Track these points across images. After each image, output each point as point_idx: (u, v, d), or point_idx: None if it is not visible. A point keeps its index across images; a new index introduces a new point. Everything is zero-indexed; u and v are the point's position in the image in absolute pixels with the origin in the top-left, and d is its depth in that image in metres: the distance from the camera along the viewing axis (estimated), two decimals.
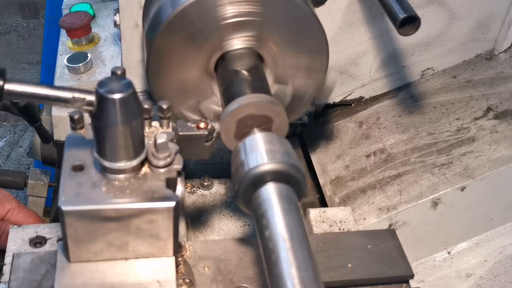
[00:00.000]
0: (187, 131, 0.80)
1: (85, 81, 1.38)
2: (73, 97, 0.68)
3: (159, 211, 0.73)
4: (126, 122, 0.68)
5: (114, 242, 0.75)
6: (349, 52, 1.41)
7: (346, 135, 1.45)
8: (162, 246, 0.77)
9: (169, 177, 0.74)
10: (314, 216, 1.07)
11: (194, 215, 1.30)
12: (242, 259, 0.91)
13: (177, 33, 0.87)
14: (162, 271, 0.77)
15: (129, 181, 0.73)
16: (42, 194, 1.87)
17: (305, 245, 0.66)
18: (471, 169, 1.26)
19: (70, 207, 0.70)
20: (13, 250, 0.92)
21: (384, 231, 1.00)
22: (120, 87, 0.67)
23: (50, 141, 1.56)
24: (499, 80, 1.44)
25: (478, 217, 1.32)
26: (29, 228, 0.97)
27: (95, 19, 1.60)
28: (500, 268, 1.32)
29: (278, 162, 0.72)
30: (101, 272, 0.76)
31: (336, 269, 0.92)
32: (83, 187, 0.72)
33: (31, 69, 4.47)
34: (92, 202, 0.71)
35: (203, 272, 0.89)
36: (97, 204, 0.71)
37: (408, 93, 1.49)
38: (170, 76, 0.92)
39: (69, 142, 0.77)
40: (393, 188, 1.29)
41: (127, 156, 0.72)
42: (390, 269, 0.93)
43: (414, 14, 0.88)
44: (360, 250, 0.96)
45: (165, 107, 0.78)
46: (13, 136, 3.92)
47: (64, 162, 0.75)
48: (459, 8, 1.40)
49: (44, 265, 0.85)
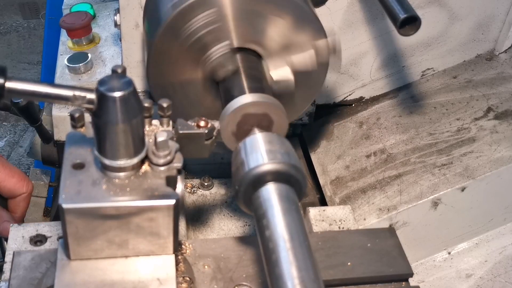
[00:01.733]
0: (187, 130, 0.80)
1: (85, 81, 1.38)
2: (74, 95, 0.68)
3: (159, 209, 0.73)
4: (126, 120, 0.68)
5: (114, 240, 0.75)
6: (349, 53, 1.41)
7: (346, 135, 1.45)
8: (162, 244, 0.77)
9: (169, 175, 0.74)
10: (313, 214, 1.07)
11: (194, 215, 1.30)
12: (242, 257, 0.91)
13: (177, 34, 0.87)
14: (162, 269, 0.77)
15: (129, 179, 0.74)
16: (42, 194, 1.87)
17: (306, 245, 0.66)
18: (471, 169, 1.26)
19: (70, 204, 0.70)
20: (14, 248, 0.92)
21: (383, 230, 1.00)
22: (121, 85, 0.67)
23: (51, 141, 1.56)
24: (499, 80, 1.44)
25: (478, 218, 1.32)
26: (30, 227, 0.97)
27: (96, 19, 1.60)
28: (501, 268, 1.32)
29: (279, 162, 0.72)
30: (101, 270, 0.76)
31: (335, 268, 0.92)
32: (84, 185, 0.72)
33: (32, 69, 4.48)
34: (93, 199, 0.71)
35: (203, 270, 0.89)
36: (98, 202, 0.71)
37: (409, 93, 1.49)
38: (170, 77, 0.92)
39: (70, 140, 0.77)
40: (393, 188, 1.29)
41: (128, 154, 0.72)
42: (390, 268, 0.93)
43: (415, 15, 0.88)
44: (360, 248, 0.96)
45: (165, 105, 0.78)
46: (13, 136, 3.92)
47: (65, 160, 0.75)
48: (460, 9, 1.40)
49: (44, 263, 0.85)
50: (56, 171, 1.89)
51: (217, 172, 1.40)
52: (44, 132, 1.55)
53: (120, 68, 0.71)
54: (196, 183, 1.39)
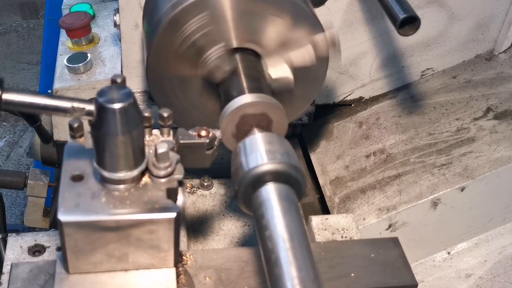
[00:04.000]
0: (188, 140, 0.79)
1: (84, 81, 1.38)
2: (72, 106, 0.67)
3: (159, 222, 0.71)
4: (126, 132, 0.67)
5: (114, 253, 0.73)
6: (349, 53, 1.41)
7: (346, 135, 1.45)
8: (163, 257, 0.76)
9: (169, 187, 0.73)
10: (316, 223, 1.06)
11: (193, 215, 1.30)
12: (244, 268, 0.90)
13: (177, 33, 0.87)
14: (163, 283, 0.76)
15: (129, 192, 0.72)
16: (42, 194, 1.87)
17: (305, 245, 0.66)
18: (470, 169, 1.26)
19: (69, 218, 0.69)
20: (12, 259, 0.90)
21: (387, 240, 0.99)
22: (120, 97, 0.66)
23: (50, 141, 1.56)
24: (498, 80, 1.44)
25: (478, 218, 1.32)
26: (28, 236, 0.95)
27: (95, 19, 1.60)
28: (500, 268, 1.32)
29: (278, 162, 0.72)
30: (100, 283, 0.74)
31: (339, 279, 0.90)
32: (83, 197, 0.71)
33: (31, 69, 4.48)
34: (92, 213, 0.69)
35: (204, 282, 0.87)
36: (97, 215, 0.69)
37: (408, 93, 1.49)
38: (170, 75, 0.91)
39: (68, 151, 0.75)
40: (393, 188, 1.29)
41: (127, 166, 0.70)
42: (394, 278, 0.91)
43: (414, 15, 0.88)
44: (363, 259, 0.94)
45: (165, 115, 0.76)
46: (13, 136, 3.92)
47: (63, 171, 0.73)
48: (459, 9, 1.40)
49: (43, 275, 0.83)
50: (56, 171, 1.89)
51: (217, 172, 1.40)
52: (43, 132, 1.55)
53: (120, 78, 0.70)
54: (196, 183, 1.38)
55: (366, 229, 1.26)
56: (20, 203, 3.29)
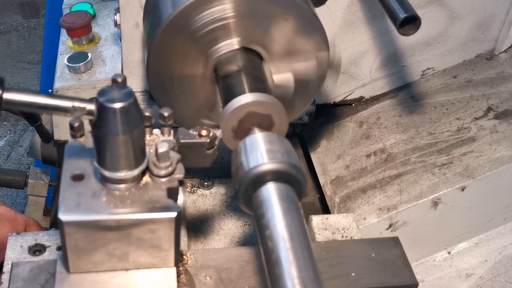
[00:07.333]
0: (189, 139, 0.79)
1: (85, 81, 1.38)
2: (73, 106, 0.67)
3: (160, 221, 0.71)
4: (127, 131, 0.67)
5: (114, 252, 0.73)
6: (349, 52, 1.41)
7: (346, 135, 1.45)
8: (163, 257, 0.76)
9: (170, 187, 0.73)
10: (316, 223, 1.06)
11: (194, 215, 1.31)
12: (245, 267, 0.89)
13: (178, 33, 0.87)
14: (163, 282, 0.76)
15: (130, 191, 0.72)
16: (43, 194, 1.88)
17: (305, 245, 0.66)
18: (471, 169, 1.26)
19: (69, 217, 0.69)
20: (12, 259, 0.90)
21: (387, 239, 0.98)
22: (121, 96, 0.66)
23: (51, 141, 1.56)
24: (499, 80, 1.44)
25: (478, 217, 1.32)
26: (28, 236, 0.95)
27: (96, 19, 1.60)
28: (500, 268, 1.32)
29: (279, 162, 0.72)
30: (101, 283, 0.74)
31: (339, 278, 0.90)
32: (83, 197, 0.71)
33: (32, 68, 4.48)
34: (92, 212, 0.69)
35: (204, 282, 0.87)
36: (97, 215, 0.69)
37: (409, 93, 1.49)
38: (171, 71, 0.91)
39: (69, 151, 0.75)
40: (393, 188, 1.29)
41: (128, 166, 0.70)
42: (394, 278, 0.91)
43: (415, 14, 0.88)
44: (364, 258, 0.94)
45: (166, 114, 0.76)
46: (14, 136, 3.92)
47: (64, 171, 0.73)
48: (460, 8, 1.40)
49: (43, 274, 0.83)
50: (56, 171, 1.90)
51: (217, 172, 1.40)
52: (44, 132, 1.55)
53: (121, 78, 0.70)
54: (196, 182, 1.39)
55: (367, 229, 1.26)
56: (20, 202, 3.30)
